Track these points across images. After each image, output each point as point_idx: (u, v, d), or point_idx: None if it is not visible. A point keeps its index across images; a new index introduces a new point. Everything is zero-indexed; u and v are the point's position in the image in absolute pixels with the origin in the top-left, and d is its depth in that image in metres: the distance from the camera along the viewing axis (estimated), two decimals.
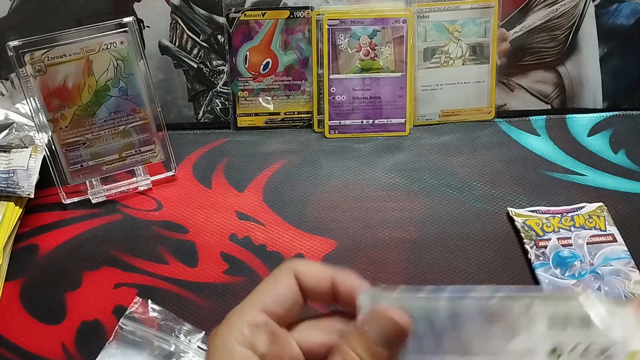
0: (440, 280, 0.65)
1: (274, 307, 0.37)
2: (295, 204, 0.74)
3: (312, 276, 0.38)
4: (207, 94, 0.85)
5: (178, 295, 0.64)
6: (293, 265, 0.39)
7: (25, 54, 0.66)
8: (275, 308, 0.37)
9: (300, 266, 0.39)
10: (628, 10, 0.84)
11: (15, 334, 0.61)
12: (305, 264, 0.39)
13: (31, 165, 0.73)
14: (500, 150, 0.81)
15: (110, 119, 0.73)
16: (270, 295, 0.38)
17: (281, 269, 0.39)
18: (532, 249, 0.66)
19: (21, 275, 0.66)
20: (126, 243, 0.70)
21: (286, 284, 0.38)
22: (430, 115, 0.85)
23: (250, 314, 0.37)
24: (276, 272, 0.39)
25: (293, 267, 0.39)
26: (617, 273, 0.63)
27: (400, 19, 0.80)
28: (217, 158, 0.81)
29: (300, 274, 0.38)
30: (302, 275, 0.38)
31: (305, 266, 0.39)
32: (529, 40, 0.84)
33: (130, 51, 0.70)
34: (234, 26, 0.81)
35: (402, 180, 0.77)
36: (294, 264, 0.39)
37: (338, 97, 0.83)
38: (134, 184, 0.76)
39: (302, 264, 0.39)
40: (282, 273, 0.39)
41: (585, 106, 0.87)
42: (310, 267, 0.39)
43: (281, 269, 0.39)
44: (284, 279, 0.38)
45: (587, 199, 0.72)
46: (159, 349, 0.57)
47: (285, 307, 0.38)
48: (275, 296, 0.38)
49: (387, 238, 0.70)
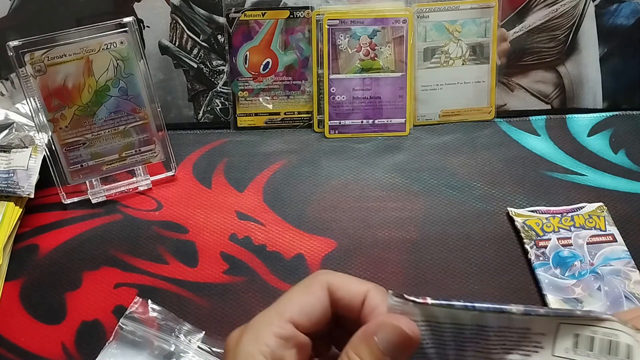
0: (440, 280, 0.65)
1: (301, 318, 0.36)
2: (295, 204, 0.74)
3: (347, 290, 0.37)
4: (207, 94, 0.85)
5: (178, 295, 0.64)
6: (327, 277, 0.37)
7: (25, 54, 0.66)
8: (302, 319, 0.36)
9: (335, 279, 0.37)
10: (628, 10, 0.84)
11: (15, 334, 0.61)
12: (341, 278, 0.37)
13: (31, 165, 0.73)
14: (500, 150, 0.81)
15: (110, 119, 0.73)
16: (298, 305, 0.36)
17: (313, 279, 0.37)
18: (532, 249, 0.66)
19: (21, 275, 0.66)
20: (126, 243, 0.70)
21: (316, 296, 0.36)
22: (430, 115, 0.85)
23: (277, 325, 0.35)
24: (307, 281, 0.37)
25: (326, 279, 0.37)
26: (617, 273, 0.63)
27: (400, 19, 0.80)
28: (217, 158, 0.81)
29: (334, 287, 0.37)
30: (336, 289, 0.37)
31: (340, 279, 0.37)
32: (529, 40, 0.84)
33: (130, 51, 0.70)
34: (234, 26, 0.81)
35: (402, 180, 0.77)
36: (328, 276, 0.37)
37: (338, 97, 0.83)
38: (134, 184, 0.76)
39: (337, 276, 0.37)
40: (313, 283, 0.37)
41: (585, 106, 0.87)
42: (345, 281, 0.37)
43: (313, 279, 0.37)
44: (315, 289, 0.37)
45: (587, 199, 0.72)
46: (159, 349, 0.57)
47: (312, 320, 0.36)
48: (304, 307, 0.36)
49: (387, 238, 0.70)
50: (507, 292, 0.63)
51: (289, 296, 0.37)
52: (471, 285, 0.64)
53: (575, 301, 0.61)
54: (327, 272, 0.38)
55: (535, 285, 0.64)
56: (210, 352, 0.57)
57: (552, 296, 0.62)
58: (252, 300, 0.63)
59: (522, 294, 0.63)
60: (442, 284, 0.64)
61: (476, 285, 0.64)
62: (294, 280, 0.65)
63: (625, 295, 0.61)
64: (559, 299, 0.61)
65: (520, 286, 0.64)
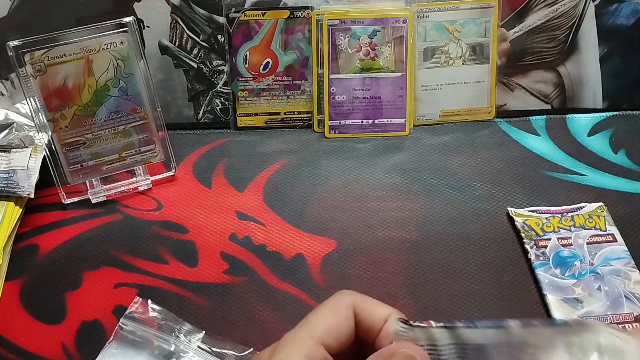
0: (440, 280, 0.65)
1: (330, 339, 0.36)
2: (295, 204, 0.74)
3: (371, 314, 0.37)
4: (207, 94, 0.85)
5: (178, 295, 0.64)
6: (353, 298, 0.37)
7: (25, 54, 0.66)
8: (331, 341, 0.36)
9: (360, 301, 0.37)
10: (628, 10, 0.84)
11: (15, 334, 0.61)
12: (365, 300, 0.38)
13: (31, 165, 0.73)
14: (500, 150, 0.81)
15: (110, 119, 0.73)
16: (327, 326, 0.36)
17: (339, 300, 0.37)
18: (532, 248, 0.66)
19: (21, 275, 0.66)
20: (126, 243, 0.70)
21: (344, 317, 0.37)
22: (430, 115, 0.85)
23: (308, 346, 0.35)
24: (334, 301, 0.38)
25: (352, 301, 0.37)
26: (617, 273, 0.63)
27: (400, 19, 0.80)
28: (217, 158, 0.81)
29: (359, 309, 0.37)
30: (360, 311, 0.37)
31: (364, 301, 0.37)
32: (529, 40, 0.84)
33: (130, 51, 0.70)
34: (234, 26, 0.81)
35: (402, 180, 0.77)
36: (354, 297, 0.38)
37: (338, 97, 0.83)
38: (134, 184, 0.76)
39: (362, 298, 0.38)
40: (340, 304, 0.37)
41: (585, 106, 0.87)
42: (369, 304, 0.38)
43: (339, 300, 0.37)
44: (343, 310, 0.37)
45: (587, 199, 0.72)
46: (159, 349, 0.57)
47: (340, 341, 0.36)
48: (333, 328, 0.36)
49: (387, 238, 0.70)
50: (507, 292, 0.63)
51: (318, 316, 0.37)
52: (471, 285, 0.64)
53: (575, 301, 0.61)
54: (351, 292, 0.38)
55: (535, 285, 0.64)
56: (210, 352, 0.57)
57: (552, 296, 0.62)
58: (252, 300, 0.63)
59: (522, 294, 0.63)
60: (442, 284, 0.64)
61: (476, 285, 0.64)
62: (294, 280, 0.65)
63: (625, 295, 0.61)
64: (559, 299, 0.61)
65: (520, 286, 0.64)
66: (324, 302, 0.38)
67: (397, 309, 0.40)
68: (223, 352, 0.58)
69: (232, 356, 0.57)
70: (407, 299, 0.63)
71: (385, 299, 0.39)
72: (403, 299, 0.63)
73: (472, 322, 0.36)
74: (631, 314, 0.60)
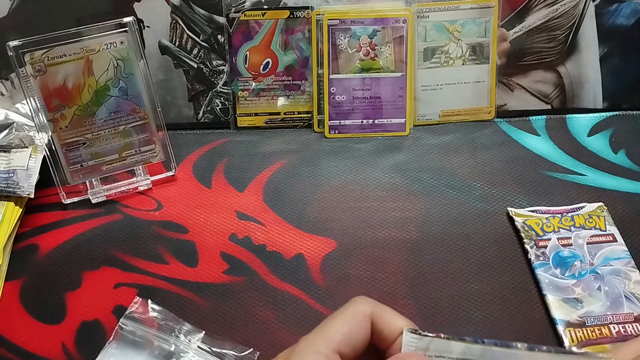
0: (440, 280, 0.65)
1: (346, 348, 0.36)
2: (295, 204, 0.74)
3: (388, 324, 0.37)
4: (207, 94, 0.85)
5: (178, 295, 0.64)
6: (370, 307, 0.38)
7: (25, 54, 0.66)
8: (347, 349, 0.36)
9: (377, 310, 0.37)
10: (628, 10, 0.84)
11: (15, 334, 0.61)
12: (382, 309, 0.38)
13: (31, 165, 0.73)
14: (500, 150, 0.81)
15: (110, 119, 0.73)
16: (343, 333, 0.36)
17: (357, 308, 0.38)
18: (532, 248, 0.66)
19: (21, 275, 0.66)
20: (126, 243, 0.70)
21: (361, 326, 0.37)
22: (430, 115, 0.85)
23: (324, 354, 0.35)
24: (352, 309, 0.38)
25: (371, 310, 0.37)
26: (617, 273, 0.63)
27: (400, 19, 0.80)
28: (217, 158, 0.81)
29: (377, 319, 0.37)
30: (378, 320, 0.37)
31: (382, 311, 0.38)
32: (529, 40, 0.84)
33: (130, 51, 0.70)
34: (234, 26, 0.81)
35: (402, 180, 0.77)
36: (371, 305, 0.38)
37: (338, 97, 0.83)
38: (134, 184, 0.76)
39: (380, 308, 0.38)
40: (357, 313, 0.37)
41: (585, 106, 0.87)
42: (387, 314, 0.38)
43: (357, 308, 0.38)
44: (359, 319, 0.37)
45: (587, 199, 0.72)
46: (159, 349, 0.57)
47: (356, 350, 0.36)
48: (349, 336, 0.36)
49: (387, 238, 0.70)
50: (507, 292, 0.63)
51: (335, 323, 0.37)
52: (471, 285, 0.64)
53: (575, 301, 0.61)
54: (368, 301, 0.38)
55: (535, 285, 0.64)
56: (210, 352, 0.57)
57: (552, 296, 0.62)
58: (252, 300, 0.63)
59: (522, 294, 0.63)
60: (442, 284, 0.64)
61: (476, 285, 0.64)
62: (294, 280, 0.65)
63: (625, 295, 0.61)
64: (559, 299, 0.61)
65: (520, 286, 0.64)
66: (341, 309, 0.38)
67: (397, 309, 0.40)
68: (223, 352, 0.58)
69: (232, 356, 0.57)
70: (407, 299, 0.63)
71: (385, 299, 0.39)
72: (403, 299, 0.63)
73: (481, 339, 0.37)
74: (631, 314, 0.60)
